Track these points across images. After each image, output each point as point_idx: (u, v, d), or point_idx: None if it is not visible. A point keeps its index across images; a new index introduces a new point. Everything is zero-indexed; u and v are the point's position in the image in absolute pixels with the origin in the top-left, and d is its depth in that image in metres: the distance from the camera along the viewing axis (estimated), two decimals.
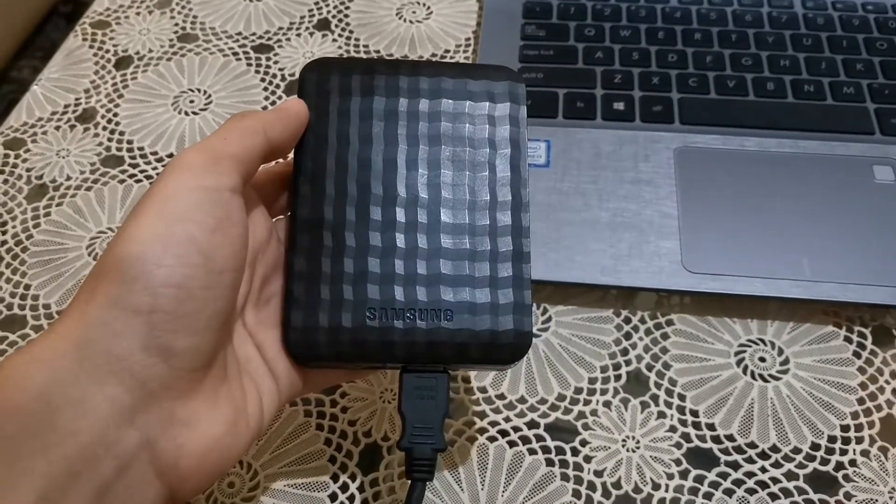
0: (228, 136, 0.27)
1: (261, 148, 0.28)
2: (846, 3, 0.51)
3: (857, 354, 0.38)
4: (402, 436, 0.29)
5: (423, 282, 0.29)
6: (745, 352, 0.38)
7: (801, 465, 0.35)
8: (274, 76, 0.51)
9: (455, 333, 0.29)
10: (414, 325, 0.29)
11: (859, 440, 0.36)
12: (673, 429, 0.36)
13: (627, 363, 0.38)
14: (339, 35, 0.54)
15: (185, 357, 0.24)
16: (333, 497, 0.34)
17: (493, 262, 0.30)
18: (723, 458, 0.35)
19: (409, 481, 0.29)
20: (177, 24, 0.55)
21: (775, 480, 0.34)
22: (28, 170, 0.47)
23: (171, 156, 0.47)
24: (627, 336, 0.39)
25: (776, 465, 0.35)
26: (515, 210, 0.30)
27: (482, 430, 0.36)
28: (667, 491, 0.34)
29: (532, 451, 0.35)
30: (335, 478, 0.35)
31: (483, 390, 0.37)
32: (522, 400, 0.37)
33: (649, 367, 0.38)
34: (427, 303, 0.29)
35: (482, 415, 0.37)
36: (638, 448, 0.35)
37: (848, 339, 0.39)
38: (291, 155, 0.31)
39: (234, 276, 0.26)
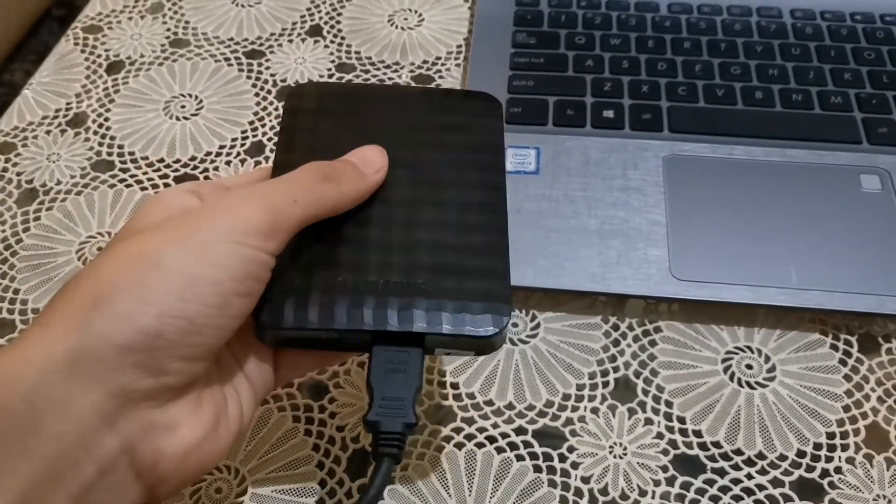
0: (300, 199, 0.26)
1: (322, 216, 0.28)
2: (834, 13, 0.52)
3: (843, 362, 0.39)
4: (369, 410, 0.28)
5: (397, 267, 0.29)
6: (732, 359, 0.39)
7: (786, 472, 0.35)
8: (265, 82, 0.52)
9: (429, 304, 0.28)
10: (386, 298, 0.28)
11: (845, 447, 0.36)
12: (660, 435, 0.36)
13: (615, 370, 0.38)
14: (331, 41, 0.54)
15: (175, 377, 0.24)
16: (321, 503, 0.34)
17: (471, 253, 0.29)
18: (709, 464, 0.35)
19: (374, 461, 0.28)
20: (168, 30, 0.55)
21: (761, 487, 0.35)
22: (18, 174, 0.47)
23: (161, 160, 0.47)
24: (616, 343, 0.39)
25: (762, 471, 0.35)
26: (495, 210, 0.30)
27: (470, 436, 0.36)
28: (653, 497, 0.34)
29: (520, 458, 0.35)
30: (323, 483, 0.35)
31: (471, 396, 0.37)
32: (510, 406, 0.37)
33: (637, 374, 0.38)
34: (401, 282, 0.28)
35: (470, 420, 0.37)
36: (625, 455, 0.36)
37: (834, 347, 0.39)
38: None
39: (240, 321, 0.26)
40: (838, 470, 0.35)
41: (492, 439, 0.36)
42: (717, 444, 0.36)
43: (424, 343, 0.29)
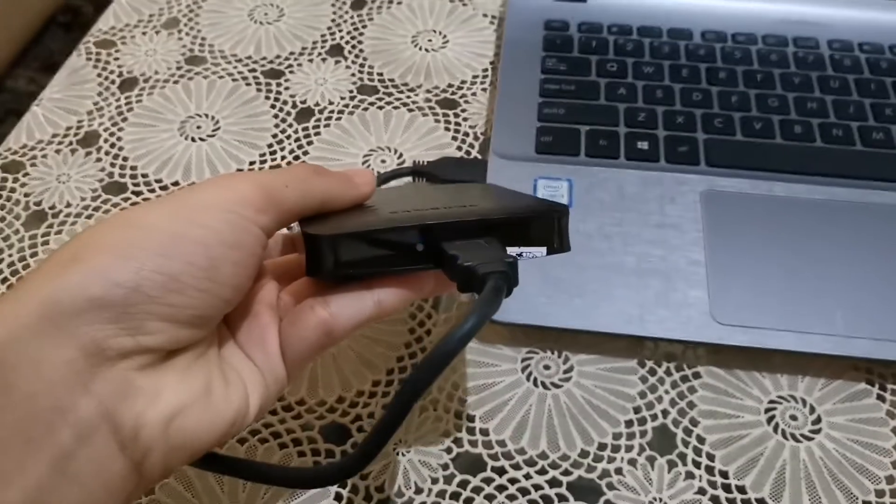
0: (291, 185, 0.26)
1: (312, 210, 0.28)
2: (873, 44, 0.50)
3: (890, 414, 0.37)
4: (451, 265, 0.25)
5: (446, 207, 0.29)
6: (775, 409, 0.37)
7: None
8: (285, 103, 0.50)
9: (492, 206, 0.29)
10: (447, 210, 0.28)
11: None
12: (702, 491, 0.34)
13: (653, 417, 0.36)
14: (353, 62, 0.52)
15: (155, 338, 0.23)
16: None
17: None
18: None
19: (476, 291, 0.24)
20: (184, 46, 0.53)
21: None
22: (26, 195, 0.45)
23: (176, 183, 0.45)
24: (653, 389, 0.37)
25: None
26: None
27: (501, 488, 0.34)
28: None
29: None
30: None
31: (502, 444, 0.35)
32: (544, 455, 0.35)
33: (676, 423, 0.36)
34: (454, 207, 0.29)
35: (501, 471, 0.35)
36: None
37: (881, 398, 0.37)
38: None
39: (232, 293, 0.25)
40: None
41: (524, 491, 0.34)
42: (762, 502, 0.34)
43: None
